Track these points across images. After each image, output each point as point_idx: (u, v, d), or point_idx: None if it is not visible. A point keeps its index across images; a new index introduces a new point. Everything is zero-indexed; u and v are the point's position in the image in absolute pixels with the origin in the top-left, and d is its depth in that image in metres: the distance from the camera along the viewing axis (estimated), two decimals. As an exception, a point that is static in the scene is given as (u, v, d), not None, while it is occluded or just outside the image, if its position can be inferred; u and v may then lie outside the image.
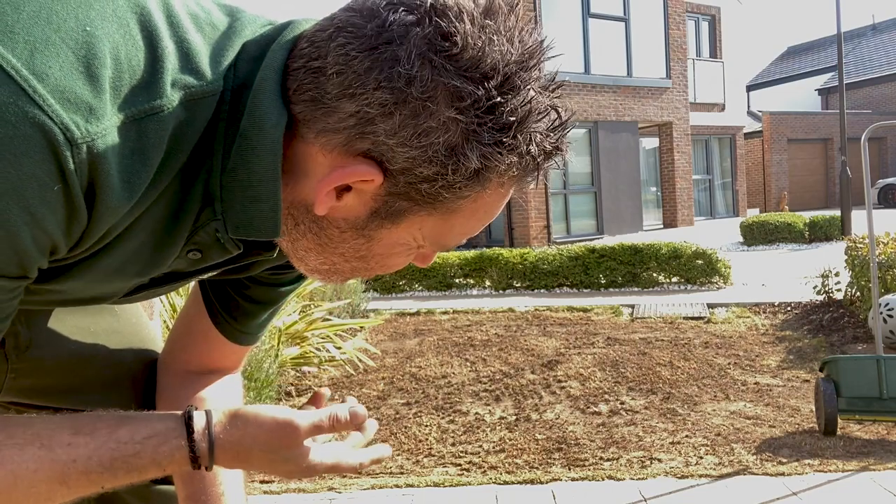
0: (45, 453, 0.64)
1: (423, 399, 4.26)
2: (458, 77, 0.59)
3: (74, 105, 0.54)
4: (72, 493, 0.67)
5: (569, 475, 3.00)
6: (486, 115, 0.60)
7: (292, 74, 0.64)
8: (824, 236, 11.77)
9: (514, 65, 0.61)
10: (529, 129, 0.62)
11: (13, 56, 0.52)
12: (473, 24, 0.59)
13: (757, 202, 23.28)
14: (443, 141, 0.60)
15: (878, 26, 30.73)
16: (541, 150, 0.65)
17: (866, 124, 21.31)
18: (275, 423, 0.72)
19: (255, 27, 0.69)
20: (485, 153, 0.61)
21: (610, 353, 5.02)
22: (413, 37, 0.59)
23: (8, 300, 0.61)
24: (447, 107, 0.59)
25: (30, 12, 0.54)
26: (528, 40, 0.62)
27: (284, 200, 0.68)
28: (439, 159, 0.61)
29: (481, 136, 0.60)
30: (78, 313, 0.97)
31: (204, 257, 0.74)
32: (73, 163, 0.54)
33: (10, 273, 0.58)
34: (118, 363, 0.99)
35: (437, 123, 0.60)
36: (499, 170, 0.63)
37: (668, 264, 7.69)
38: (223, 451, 0.71)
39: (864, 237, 6.03)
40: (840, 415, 3.36)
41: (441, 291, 8.20)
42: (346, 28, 0.61)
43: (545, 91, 0.64)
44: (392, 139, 0.60)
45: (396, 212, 0.66)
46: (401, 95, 0.59)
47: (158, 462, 0.69)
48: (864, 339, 5.14)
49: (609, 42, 14.87)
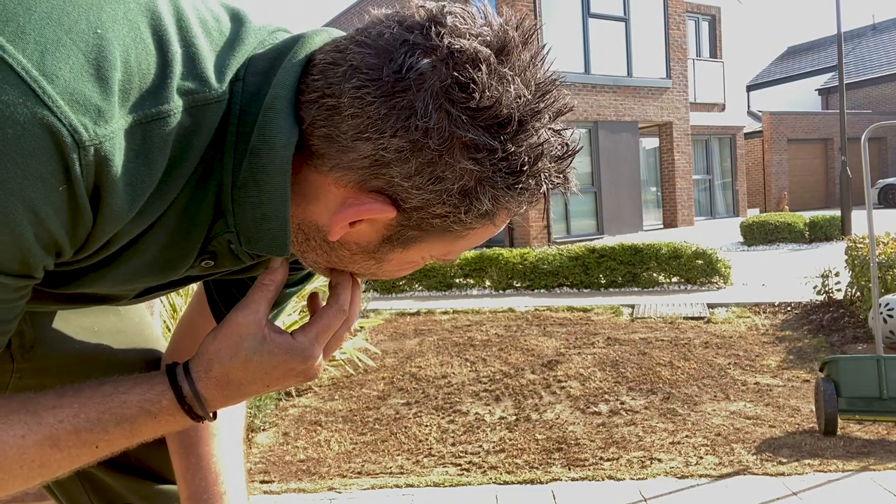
0: (31, 418, 0.64)
1: (423, 399, 4.26)
2: (475, 129, 0.59)
3: (83, 107, 0.54)
4: (67, 458, 0.66)
5: (569, 475, 3.00)
6: (500, 162, 0.61)
7: (305, 105, 0.63)
8: (824, 236, 11.77)
9: (529, 112, 0.61)
10: (540, 170, 0.64)
11: (24, 57, 0.52)
12: (490, 71, 0.59)
13: (757, 202, 23.28)
14: (457, 187, 0.62)
15: (878, 26, 30.73)
16: (549, 184, 0.66)
17: (866, 124, 21.33)
18: (227, 319, 0.71)
19: (262, 35, 0.69)
20: (497, 196, 0.63)
21: (610, 354, 5.02)
22: (430, 87, 0.59)
23: (14, 300, 0.61)
24: (462, 157, 0.60)
25: (41, 13, 0.54)
26: (541, 76, 0.63)
27: (295, 217, 0.69)
28: (453, 201, 0.62)
29: (495, 182, 0.62)
30: (82, 313, 0.97)
31: (217, 265, 0.74)
32: (79, 164, 0.55)
33: (14, 271, 0.58)
34: (122, 363, 1.00)
35: (453, 173, 0.61)
36: (509, 209, 0.66)
37: (668, 264, 7.69)
38: (204, 384, 0.70)
39: (864, 237, 6.03)
40: (840, 415, 3.36)
41: (441, 291, 8.20)
42: (361, 69, 0.60)
43: (554, 122, 0.65)
44: (407, 182, 0.61)
45: (408, 239, 0.67)
46: (417, 145, 0.60)
47: (147, 410, 0.68)
48: (864, 339, 5.14)
49: (609, 42, 14.87)
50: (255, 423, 3.80)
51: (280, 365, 0.72)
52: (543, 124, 0.63)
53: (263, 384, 0.73)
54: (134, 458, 1.01)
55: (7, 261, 0.57)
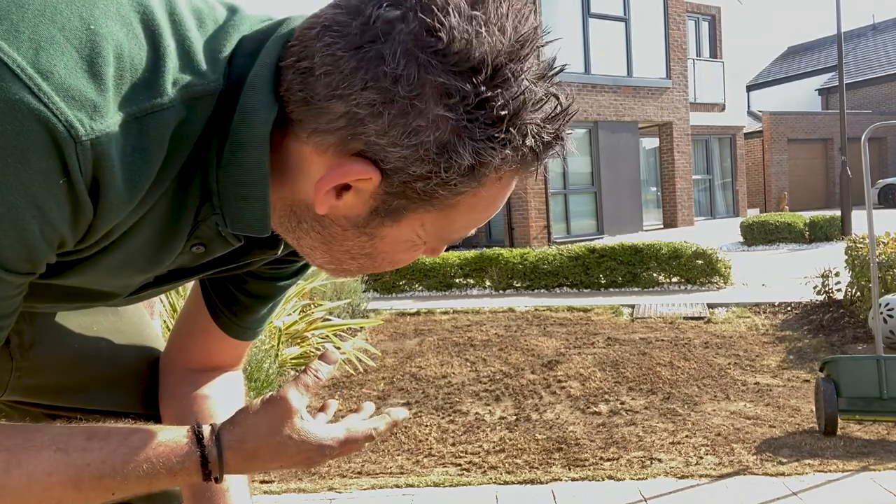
0: (60, 457, 0.65)
1: (423, 399, 4.26)
2: (446, 73, 0.58)
3: (79, 102, 0.55)
4: (83, 499, 0.67)
5: (569, 475, 3.00)
6: (476, 110, 0.59)
7: (283, 73, 0.63)
8: (824, 236, 11.76)
9: (505, 56, 0.59)
10: (524, 122, 0.61)
11: (18, 54, 0.53)
12: (460, 16, 0.58)
13: (757, 202, 23.28)
14: (433, 139, 0.59)
15: (878, 26, 30.73)
16: (539, 142, 0.63)
17: (866, 124, 21.30)
18: (265, 403, 0.74)
19: (254, 22, 0.69)
20: (477, 149, 0.60)
21: (610, 353, 5.02)
22: (398, 33, 0.57)
23: (15, 296, 0.62)
24: (436, 104, 0.58)
25: (34, 10, 0.55)
26: (521, 28, 0.60)
27: (285, 199, 0.68)
28: (431, 157, 0.60)
29: (472, 132, 0.59)
30: (81, 313, 0.97)
31: (208, 251, 0.74)
32: (77, 159, 0.55)
33: (18, 269, 0.59)
34: (121, 361, 1.00)
35: (427, 122, 0.59)
36: (494, 164, 0.62)
37: (668, 264, 7.69)
38: (232, 453, 0.72)
39: (864, 237, 6.03)
40: (840, 415, 3.36)
41: (441, 291, 8.20)
42: (332, 27, 0.60)
43: (542, 79, 0.63)
44: (383, 139, 0.60)
45: (396, 210, 0.66)
46: (388, 95, 0.58)
47: (170, 468, 0.70)
48: (865, 339, 5.14)
49: (609, 42, 14.87)
50: (254, 423, 3.80)
51: (304, 452, 0.75)
52: (525, 74, 0.61)
53: (280, 463, 0.75)
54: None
55: (11, 258, 0.57)
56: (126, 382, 1.00)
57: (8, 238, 0.56)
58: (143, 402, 1.00)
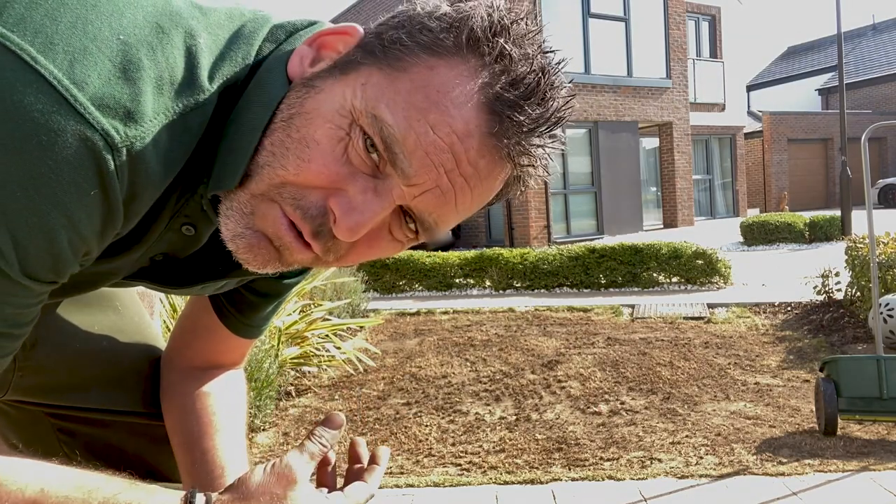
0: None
1: (423, 399, 4.26)
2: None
3: (113, 110, 0.56)
4: None
5: (569, 475, 3.00)
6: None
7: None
8: (824, 236, 11.77)
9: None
10: (488, 29, 0.62)
11: (54, 66, 0.54)
12: None
13: (757, 202, 23.28)
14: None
15: (878, 26, 30.73)
16: (507, 51, 0.62)
17: (866, 124, 21.31)
18: (267, 472, 0.70)
19: (281, 17, 0.72)
20: (438, 25, 0.62)
21: (610, 353, 5.02)
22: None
23: (35, 304, 0.62)
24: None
25: (66, 24, 0.56)
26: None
27: (276, 132, 0.66)
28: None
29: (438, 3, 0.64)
30: (82, 312, 0.98)
31: (198, 233, 0.74)
32: (113, 166, 0.57)
33: (42, 277, 0.59)
34: (123, 360, 1.00)
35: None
36: (460, 41, 0.62)
37: (668, 264, 7.69)
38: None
39: (865, 237, 6.03)
40: (840, 415, 3.36)
41: (441, 291, 8.20)
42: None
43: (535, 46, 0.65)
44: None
45: (349, 63, 0.65)
46: None
47: None
48: (865, 339, 5.14)
49: (609, 42, 14.88)
50: (255, 423, 3.80)
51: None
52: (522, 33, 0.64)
53: None
54: (134, 455, 1.01)
55: (37, 266, 0.58)
56: (128, 381, 1.00)
57: (36, 247, 0.56)
58: (145, 401, 1.00)
